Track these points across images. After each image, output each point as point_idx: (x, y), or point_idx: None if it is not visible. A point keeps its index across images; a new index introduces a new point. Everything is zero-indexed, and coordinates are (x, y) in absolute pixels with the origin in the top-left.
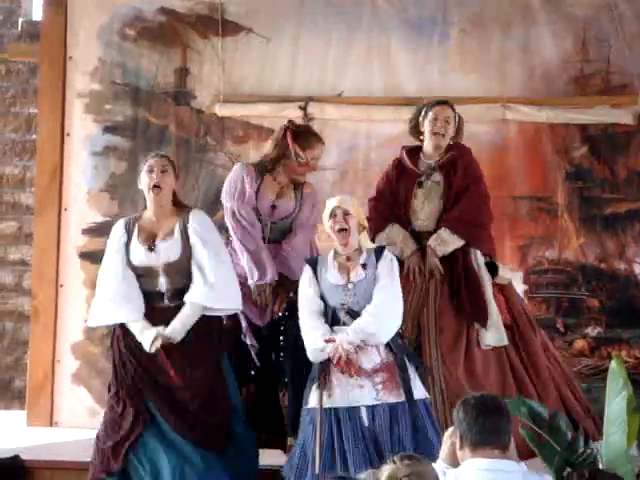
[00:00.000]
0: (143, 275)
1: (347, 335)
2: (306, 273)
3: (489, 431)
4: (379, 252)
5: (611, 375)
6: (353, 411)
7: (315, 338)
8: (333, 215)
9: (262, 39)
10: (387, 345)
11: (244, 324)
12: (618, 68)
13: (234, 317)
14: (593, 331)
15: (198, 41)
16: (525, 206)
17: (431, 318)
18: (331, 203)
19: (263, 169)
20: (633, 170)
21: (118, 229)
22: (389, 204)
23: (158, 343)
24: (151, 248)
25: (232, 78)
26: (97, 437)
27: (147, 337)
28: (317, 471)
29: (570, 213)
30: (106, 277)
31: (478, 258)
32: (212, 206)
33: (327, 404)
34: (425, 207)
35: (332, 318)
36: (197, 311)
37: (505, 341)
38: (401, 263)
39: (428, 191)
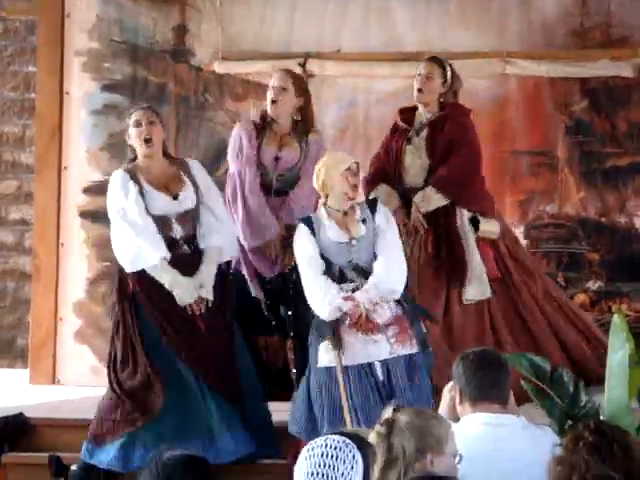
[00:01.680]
0: (157, 224)
1: (366, 293)
2: (302, 232)
3: (488, 385)
4: (373, 205)
5: (613, 329)
6: (367, 367)
7: (331, 296)
8: (349, 169)
9: None
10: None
11: (248, 276)
12: (618, 21)
13: (236, 269)
14: (594, 285)
15: None
16: (525, 161)
17: (412, 276)
18: (344, 158)
19: (262, 124)
20: (634, 123)
21: (125, 180)
22: (382, 165)
23: (192, 300)
24: (175, 197)
25: (231, 35)
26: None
27: (183, 291)
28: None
29: (570, 167)
30: (130, 223)
31: (463, 216)
32: (212, 164)
33: (346, 363)
34: (414, 163)
35: (339, 276)
36: (218, 259)
37: (488, 294)
38: None
39: (417, 147)
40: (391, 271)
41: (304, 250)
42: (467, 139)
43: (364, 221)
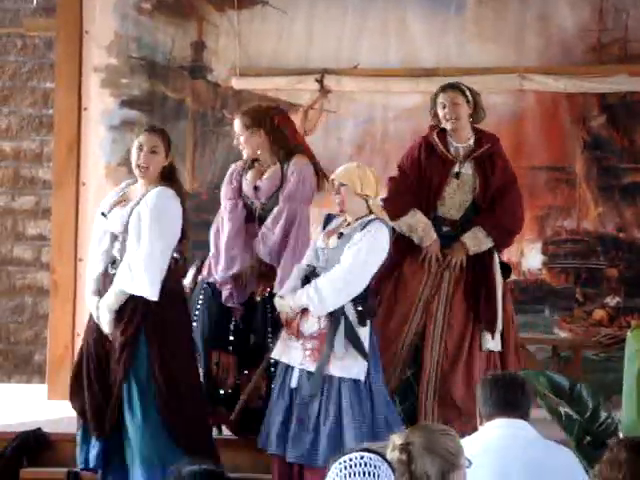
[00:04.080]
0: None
1: (293, 299)
2: (320, 227)
3: (504, 404)
4: (366, 224)
5: (627, 346)
6: (285, 369)
7: (283, 289)
8: (332, 185)
9: (278, 11)
10: (330, 314)
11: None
12: (636, 36)
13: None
14: (612, 301)
15: (214, 14)
16: (543, 176)
17: (440, 309)
18: (335, 173)
19: (250, 160)
20: None
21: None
22: (412, 187)
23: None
24: (103, 214)
25: (248, 51)
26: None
27: (92, 307)
28: (232, 417)
29: (588, 183)
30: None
31: (497, 262)
32: None
33: (273, 355)
34: (455, 197)
35: (305, 277)
36: (119, 299)
37: (500, 346)
38: (418, 249)
39: (462, 182)
40: (321, 291)
41: (314, 238)
42: (514, 182)
43: (341, 235)
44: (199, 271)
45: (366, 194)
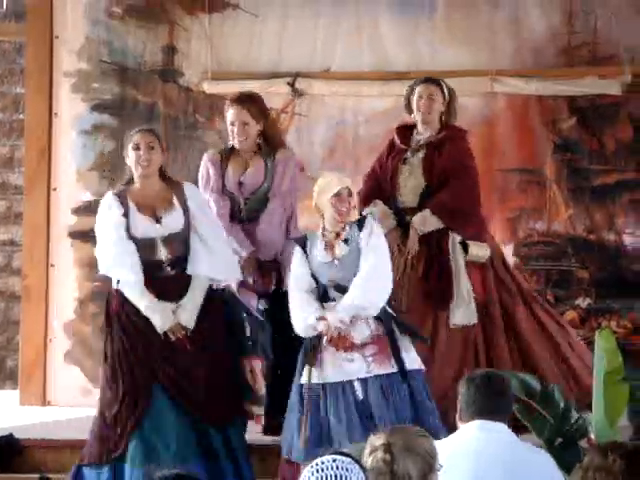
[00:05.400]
0: (142, 246)
1: (337, 313)
2: (295, 251)
3: (483, 406)
4: (361, 222)
5: (597, 346)
6: (346, 385)
7: (307, 314)
8: (338, 194)
9: (249, 15)
10: (377, 317)
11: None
12: (605, 39)
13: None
14: (583, 302)
15: (185, 18)
16: (514, 179)
17: (404, 298)
18: (334, 183)
19: (228, 151)
20: (621, 141)
21: (112, 202)
22: (377, 182)
23: (169, 327)
24: (158, 220)
25: (220, 55)
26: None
27: (161, 318)
28: (302, 445)
29: (559, 185)
30: (108, 247)
31: (455, 238)
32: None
33: (317, 379)
34: (408, 183)
35: (323, 295)
36: (204, 287)
37: (474, 320)
38: None
39: (412, 167)
40: (365, 291)
41: (293, 268)
42: (467, 164)
43: (347, 241)
44: None
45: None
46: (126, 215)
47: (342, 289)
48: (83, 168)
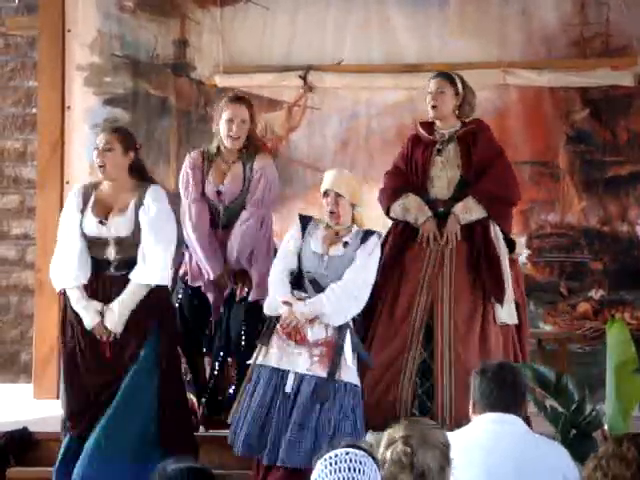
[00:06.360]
0: (94, 243)
1: (304, 306)
2: (296, 227)
3: (495, 399)
4: (366, 236)
5: (610, 337)
6: (281, 375)
7: (276, 293)
8: (326, 195)
9: (261, 8)
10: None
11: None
12: (617, 30)
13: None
14: (596, 294)
15: (197, 11)
16: (527, 171)
17: (446, 289)
18: (325, 181)
19: (211, 154)
20: (634, 132)
21: (75, 196)
22: (404, 176)
23: (96, 324)
24: (102, 222)
25: (231, 48)
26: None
27: (88, 313)
28: (229, 421)
29: (572, 177)
30: (60, 242)
31: (497, 233)
32: None
33: (262, 361)
34: (441, 175)
35: (297, 280)
36: (138, 295)
37: (516, 319)
38: (415, 231)
39: (446, 159)
40: (336, 301)
41: (286, 239)
42: (503, 155)
43: (346, 244)
44: (176, 271)
45: (354, 203)
46: (82, 211)
47: (316, 284)
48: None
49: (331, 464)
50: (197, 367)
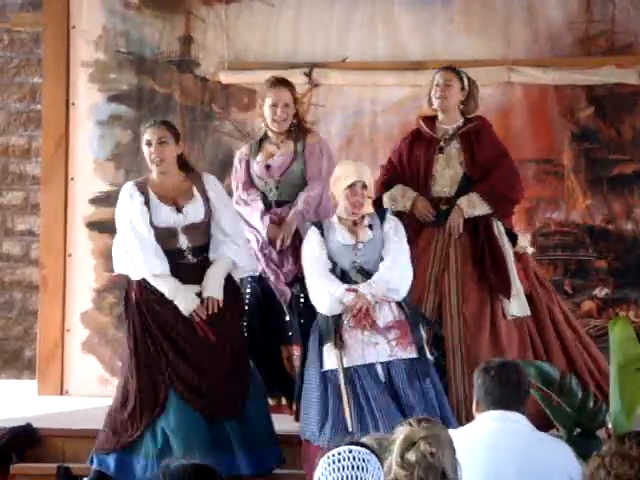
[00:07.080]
0: (162, 235)
1: (369, 286)
2: (313, 234)
3: (499, 396)
4: (382, 214)
5: (614, 335)
6: (370, 368)
7: (334, 289)
8: (352, 186)
9: (266, 5)
10: (398, 303)
11: (274, 281)
12: (622, 28)
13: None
14: (601, 292)
15: (201, 8)
16: (531, 168)
17: (453, 284)
18: (350, 173)
19: (258, 143)
20: (639, 130)
21: (132, 191)
22: (397, 171)
23: (196, 306)
24: (179, 209)
25: (236, 45)
26: (111, 409)
27: (185, 298)
28: (351, 429)
29: (576, 175)
30: (128, 235)
31: (500, 228)
32: (218, 174)
33: (347, 364)
34: (444, 173)
35: (341, 278)
36: (228, 266)
37: (528, 311)
38: (417, 229)
39: (449, 157)
40: (396, 272)
41: (311, 251)
42: (506, 153)
43: (371, 227)
44: None
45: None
46: (147, 204)
47: (364, 272)
48: (100, 158)
49: (334, 462)
50: (277, 359)
